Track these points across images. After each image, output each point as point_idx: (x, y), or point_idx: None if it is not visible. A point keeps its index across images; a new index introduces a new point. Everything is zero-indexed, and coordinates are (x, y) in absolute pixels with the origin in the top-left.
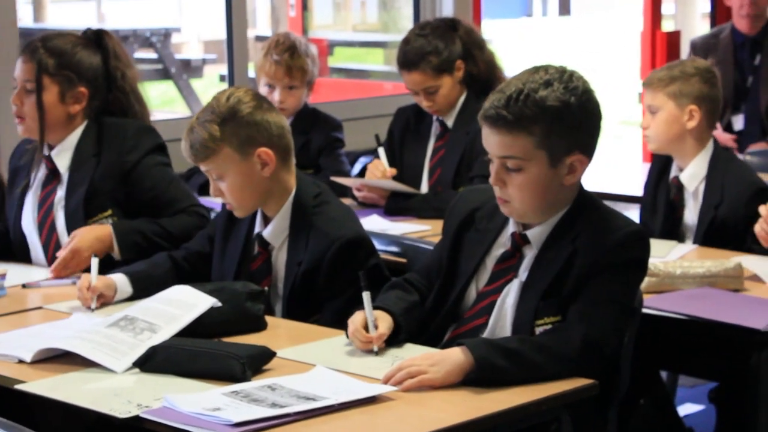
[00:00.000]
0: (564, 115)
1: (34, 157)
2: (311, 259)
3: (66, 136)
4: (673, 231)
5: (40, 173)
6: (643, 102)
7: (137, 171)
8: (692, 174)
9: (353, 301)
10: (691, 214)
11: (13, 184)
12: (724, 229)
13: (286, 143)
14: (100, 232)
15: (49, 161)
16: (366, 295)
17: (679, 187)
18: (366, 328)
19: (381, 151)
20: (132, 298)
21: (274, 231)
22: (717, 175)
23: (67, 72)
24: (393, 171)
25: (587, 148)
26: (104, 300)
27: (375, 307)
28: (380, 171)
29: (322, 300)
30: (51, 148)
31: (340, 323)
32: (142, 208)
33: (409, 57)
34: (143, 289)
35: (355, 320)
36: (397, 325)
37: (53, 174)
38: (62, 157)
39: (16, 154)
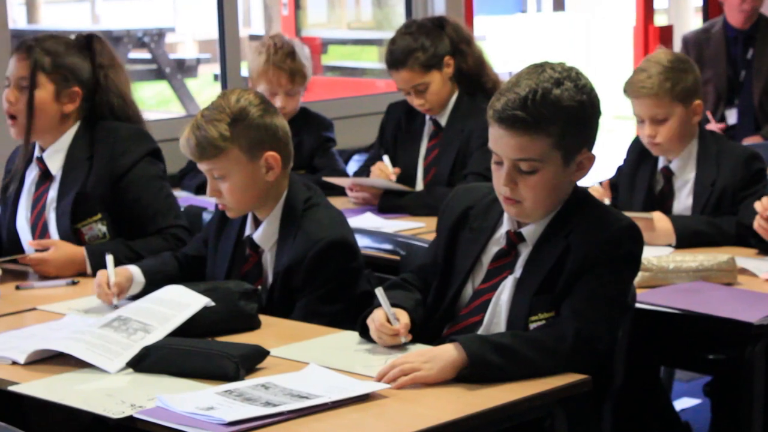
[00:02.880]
0: (579, 114)
1: (25, 158)
2: (292, 258)
3: (58, 138)
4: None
5: (33, 174)
6: (640, 111)
7: (127, 178)
8: (684, 161)
9: (323, 300)
10: (682, 202)
11: (8, 188)
12: (723, 199)
13: (290, 149)
14: (74, 254)
15: (41, 162)
16: (379, 291)
17: (668, 177)
18: (389, 322)
19: (386, 158)
20: (144, 292)
21: (264, 234)
22: (709, 154)
23: (63, 71)
24: (397, 170)
25: (593, 144)
26: (121, 291)
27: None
28: (380, 170)
29: (296, 299)
30: (43, 150)
31: (306, 320)
32: (126, 216)
33: (396, 55)
34: (154, 283)
35: (376, 318)
36: (411, 320)
37: (45, 175)
38: (54, 159)
39: (12, 158)
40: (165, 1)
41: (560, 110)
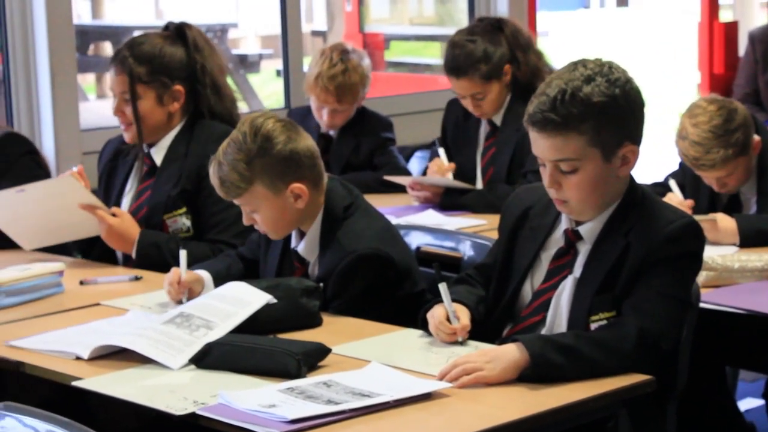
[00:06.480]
0: (611, 109)
1: (135, 157)
2: (325, 269)
3: (166, 134)
4: None
5: (141, 170)
6: (703, 175)
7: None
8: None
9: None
10: (748, 211)
11: (109, 182)
12: None
13: (317, 170)
14: (129, 232)
15: (149, 158)
16: (443, 287)
17: (735, 194)
18: (448, 320)
19: (441, 151)
20: None
21: (307, 247)
22: None
23: (160, 76)
24: (452, 166)
25: (636, 137)
26: (192, 295)
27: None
28: (437, 166)
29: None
30: (151, 145)
31: None
32: (194, 214)
33: (458, 63)
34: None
35: (436, 314)
36: (473, 318)
37: (152, 170)
38: (159, 155)
39: (106, 153)
40: None
41: (591, 107)
